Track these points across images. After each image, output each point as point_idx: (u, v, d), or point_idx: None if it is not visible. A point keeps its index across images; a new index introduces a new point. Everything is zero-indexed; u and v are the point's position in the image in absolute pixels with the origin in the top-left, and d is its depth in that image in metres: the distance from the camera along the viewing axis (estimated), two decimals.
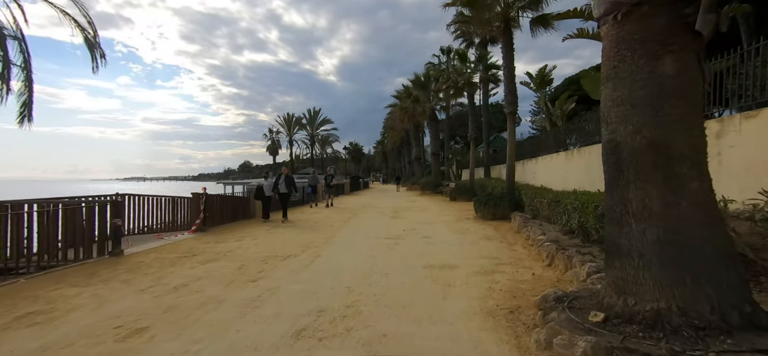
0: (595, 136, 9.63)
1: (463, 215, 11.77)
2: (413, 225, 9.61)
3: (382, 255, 6.11)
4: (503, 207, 9.98)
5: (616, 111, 2.65)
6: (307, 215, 13.03)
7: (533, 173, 15.08)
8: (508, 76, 10.40)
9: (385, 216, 12.00)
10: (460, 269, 5.09)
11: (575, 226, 5.69)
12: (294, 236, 8.21)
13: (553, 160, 12.34)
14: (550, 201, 7.28)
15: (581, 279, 3.85)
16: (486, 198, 10.42)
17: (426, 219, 11.10)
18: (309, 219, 11.81)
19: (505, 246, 6.60)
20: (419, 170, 36.17)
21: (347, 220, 11.16)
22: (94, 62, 8.64)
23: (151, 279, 4.77)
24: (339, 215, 12.71)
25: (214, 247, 6.96)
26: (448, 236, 7.84)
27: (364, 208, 15.52)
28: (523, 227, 7.66)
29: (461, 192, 18.26)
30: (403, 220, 10.83)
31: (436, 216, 11.86)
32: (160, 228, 9.54)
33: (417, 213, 13.08)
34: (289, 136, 51.85)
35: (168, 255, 6.17)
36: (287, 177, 11.39)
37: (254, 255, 6.16)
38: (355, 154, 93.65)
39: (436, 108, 26.65)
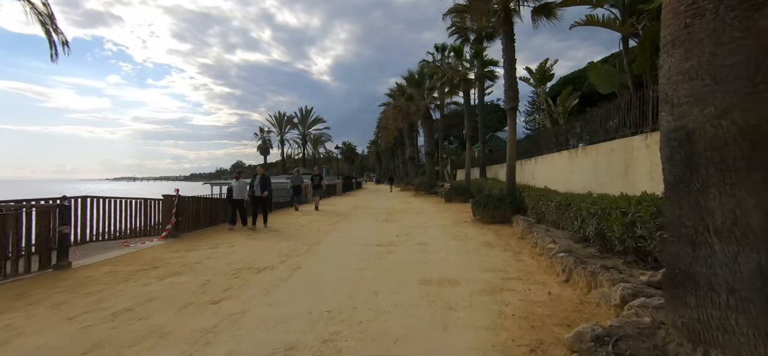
0: (601, 134, 8.99)
1: (460, 218, 11.06)
2: (407, 230, 8.87)
3: (372, 266, 5.35)
4: (504, 210, 9.28)
5: (687, 87, 1.92)
6: (293, 219, 12.21)
7: (532, 173, 14.43)
8: (509, 70, 9.72)
9: (377, 220, 11.24)
10: (461, 285, 4.35)
11: (591, 234, 4.99)
12: (274, 244, 7.41)
13: (555, 160, 11.69)
14: (559, 204, 6.58)
15: (613, 303, 3.13)
16: (485, 199, 9.72)
17: (421, 222, 10.36)
18: (295, 222, 11.00)
19: (510, 255, 5.88)
20: (413, 170, 35.46)
21: (336, 224, 10.38)
22: (53, 49, 7.74)
23: (91, 301, 3.94)
24: (327, 219, 11.92)
25: (181, 257, 6.13)
26: (445, 243, 7.10)
27: (355, 210, 14.74)
28: (527, 232, 6.96)
29: (457, 193, 17.57)
30: (397, 224, 10.08)
31: (431, 219, 11.13)
32: (131, 234, 8.66)
33: (411, 215, 12.34)
34: (280, 135, 50.78)
35: (124, 268, 5.34)
36: (262, 177, 10.06)
37: (225, 268, 5.36)
38: (348, 154, 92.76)
39: (430, 106, 25.95)
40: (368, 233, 8.58)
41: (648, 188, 6.35)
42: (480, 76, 17.19)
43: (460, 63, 17.42)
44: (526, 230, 7.14)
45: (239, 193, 9.72)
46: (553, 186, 10.57)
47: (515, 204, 9.39)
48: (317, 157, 57.27)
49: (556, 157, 11.59)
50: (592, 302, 3.51)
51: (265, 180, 10.11)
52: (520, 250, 6.18)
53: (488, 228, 8.83)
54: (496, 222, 9.34)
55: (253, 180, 9.97)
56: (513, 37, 9.71)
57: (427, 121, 25.90)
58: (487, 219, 9.49)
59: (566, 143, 11.34)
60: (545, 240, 5.72)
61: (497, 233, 8.03)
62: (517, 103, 9.90)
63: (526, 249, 6.26)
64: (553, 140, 12.29)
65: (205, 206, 9.61)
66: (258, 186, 9.83)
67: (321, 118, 53.48)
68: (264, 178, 10.13)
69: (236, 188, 9.73)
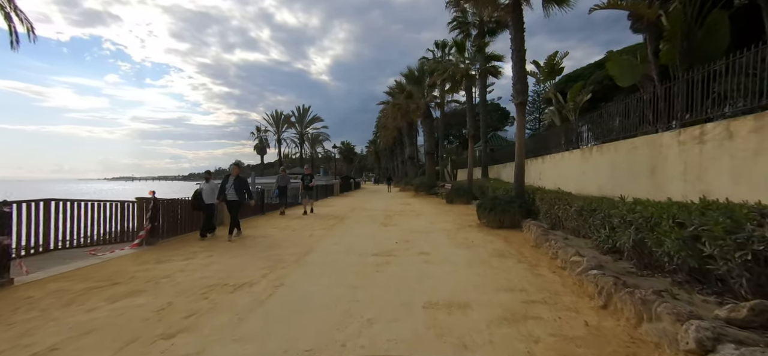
0: (619, 130, 8.23)
1: (463, 221, 10.29)
2: (407, 236, 8.10)
3: (367, 283, 4.58)
4: (513, 214, 8.52)
5: None
6: (284, 223, 11.45)
7: (539, 174, 13.67)
8: (518, 62, 8.95)
9: (374, 224, 10.46)
10: (474, 311, 3.58)
11: (626, 246, 4.22)
12: (258, 253, 6.63)
13: (565, 159, 10.93)
14: (581, 209, 5.81)
15: (686, 348, 2.36)
16: (491, 202, 8.96)
17: (422, 226, 9.59)
18: (286, 227, 10.22)
19: (527, 268, 5.11)
20: (412, 170, 34.69)
21: (330, 229, 9.60)
22: (13, 36, 6.94)
23: (12, 335, 3.16)
24: (321, 223, 11.15)
25: (149, 270, 5.35)
26: (450, 252, 6.33)
27: (352, 212, 13.97)
28: (543, 241, 6.19)
29: (458, 194, 16.82)
30: (396, 229, 9.31)
31: (433, 222, 10.36)
32: (105, 240, 7.87)
33: (411, 218, 11.57)
34: (277, 134, 49.88)
35: (76, 286, 4.55)
36: (237, 178, 8.47)
37: (196, 284, 4.58)
38: (346, 154, 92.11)
39: (430, 104, 25.18)
40: (365, 240, 7.80)
41: (680, 192, 5.59)
42: (483, 71, 16.42)
43: (461, 58, 16.65)
44: (540, 237, 6.38)
45: (210, 197, 8.32)
46: (562, 187, 9.81)
47: (525, 208, 8.63)
48: (315, 157, 56.44)
49: (567, 156, 10.83)
50: (648, 341, 2.74)
51: (241, 182, 8.55)
52: (536, 262, 5.41)
53: (496, 234, 8.06)
54: (504, 227, 8.58)
55: (226, 182, 8.42)
56: (522, 25, 8.94)
57: (427, 119, 25.13)
58: (494, 224, 8.72)
59: (578, 141, 10.59)
60: (567, 252, 4.95)
61: (507, 240, 7.26)
62: (526, 98, 9.14)
63: (543, 260, 5.49)
64: (563, 138, 11.53)
65: (185, 209, 8.80)
66: (232, 188, 8.32)
67: (318, 117, 52.68)
68: (240, 179, 8.54)
69: (206, 191, 8.31)
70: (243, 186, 8.56)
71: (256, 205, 13.32)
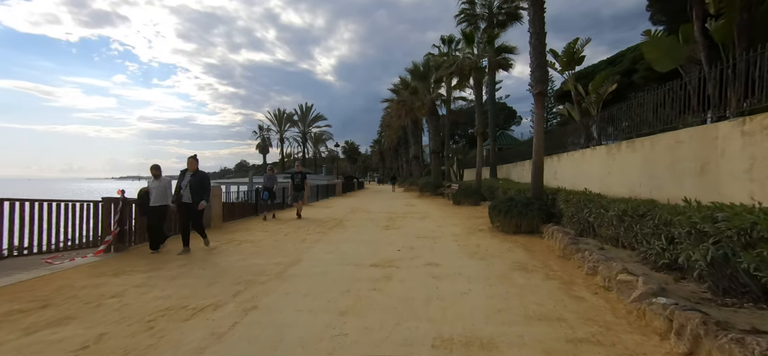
0: (653, 123, 7.21)
1: (473, 225, 9.31)
2: (412, 242, 7.14)
3: (360, 307, 3.63)
4: (531, 217, 7.52)
5: None
6: (274, 227, 10.56)
7: (554, 173, 12.63)
8: (538, 46, 7.94)
9: (375, 227, 9.51)
10: (502, 352, 2.62)
11: (697, 263, 3.23)
12: (237, 263, 5.72)
13: (586, 157, 9.90)
14: (622, 214, 4.81)
15: None
16: (506, 204, 7.97)
17: (428, 230, 8.63)
18: (278, 231, 9.30)
19: (560, 287, 4.13)
20: (417, 170, 33.72)
21: (326, 233, 8.66)
22: None
23: None
24: (316, 226, 10.23)
25: (99, 286, 4.44)
26: (463, 263, 5.37)
27: (352, 214, 13.04)
28: (573, 251, 5.20)
29: (466, 195, 15.83)
30: (399, 233, 8.35)
31: (440, 226, 9.39)
32: (73, 246, 6.98)
33: (416, 221, 10.61)
34: (280, 133, 49.13)
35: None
36: (195, 174, 6.53)
37: (146, 308, 3.66)
38: (350, 154, 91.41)
39: (436, 102, 24.18)
40: (363, 246, 6.86)
41: (745, 193, 4.56)
42: (493, 64, 15.41)
43: (470, 50, 15.66)
44: (569, 247, 5.38)
45: (160, 199, 6.43)
46: (582, 187, 8.78)
47: (545, 211, 7.63)
48: (318, 156, 55.58)
49: (588, 153, 9.79)
50: None
51: (201, 180, 6.56)
52: (570, 279, 4.42)
53: (513, 240, 7.07)
54: (522, 233, 7.59)
55: (182, 179, 6.52)
56: (542, 4, 7.94)
57: (433, 116, 24.13)
58: (510, 229, 7.74)
59: (601, 137, 9.55)
60: (611, 268, 3.96)
61: (527, 249, 6.28)
62: (546, 87, 8.14)
63: (577, 276, 4.51)
64: (582, 134, 10.49)
65: None
66: (187, 188, 6.41)
67: (321, 116, 51.82)
68: (199, 175, 6.57)
69: (156, 191, 6.42)
70: (203, 185, 6.59)
71: (249, 206, 12.45)
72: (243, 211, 11.99)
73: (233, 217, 10.99)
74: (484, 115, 16.71)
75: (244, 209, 12.12)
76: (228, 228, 9.54)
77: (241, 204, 12.31)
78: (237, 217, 11.30)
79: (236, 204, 12.12)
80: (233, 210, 11.32)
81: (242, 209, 12.07)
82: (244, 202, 12.40)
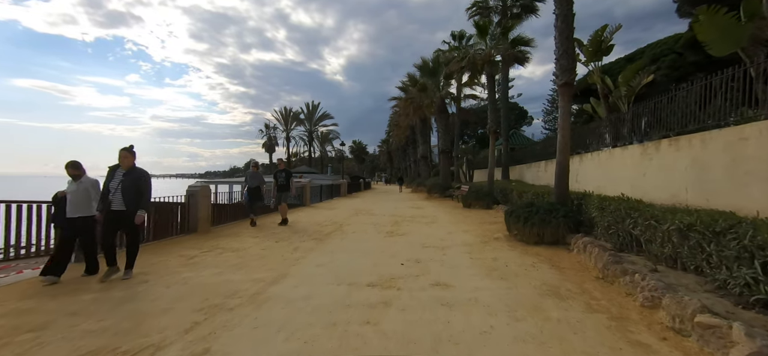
0: (701, 119, 6.15)
1: (487, 232, 8.33)
2: (417, 253, 6.20)
3: (349, 348, 2.71)
4: (555, 226, 6.51)
5: None
6: (265, 232, 9.72)
7: (575, 174, 11.56)
8: (565, 29, 6.91)
9: (377, 233, 8.58)
10: None
11: None
12: (207, 280, 4.84)
13: (615, 157, 8.83)
14: (687, 228, 3.78)
15: None
16: (526, 210, 6.96)
17: (436, 238, 7.67)
18: (271, 235, 8.44)
19: (609, 324, 3.15)
20: (425, 170, 32.70)
21: (321, 240, 7.76)
22: None
23: None
24: (311, 232, 9.38)
25: (26, 314, 3.59)
26: (479, 284, 4.40)
27: (355, 217, 12.13)
28: (616, 272, 4.19)
29: (477, 197, 14.80)
30: (404, 241, 7.41)
31: (450, 233, 8.43)
32: (27, 253, 6.15)
33: (423, 226, 9.65)
34: (286, 131, 48.47)
35: None
36: (130, 173, 4.87)
37: (63, 353, 2.79)
38: (358, 153, 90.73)
39: (446, 99, 23.13)
40: (361, 259, 5.93)
41: None
42: (507, 57, 14.36)
43: (483, 42, 14.62)
44: (610, 266, 4.37)
45: (80, 207, 4.73)
46: (609, 191, 7.71)
47: (573, 219, 6.60)
48: (325, 156, 54.81)
49: (618, 153, 8.73)
50: None
51: (136, 180, 4.84)
52: (621, 312, 3.43)
53: (535, 253, 6.08)
54: (544, 243, 6.58)
55: (111, 179, 4.82)
56: None
57: (442, 115, 23.09)
58: (530, 238, 6.73)
59: (632, 135, 8.48)
60: (683, 305, 2.95)
61: (554, 263, 5.29)
62: (573, 77, 7.10)
63: (630, 308, 3.51)
64: (610, 131, 9.42)
65: None
66: (118, 191, 4.74)
67: (328, 114, 50.95)
68: (134, 175, 4.86)
69: (73, 198, 4.72)
70: (139, 188, 4.82)
71: (242, 208, 11.62)
72: (235, 213, 11.16)
73: (224, 220, 10.17)
74: (496, 112, 15.66)
75: (236, 211, 11.27)
76: (216, 232, 8.72)
77: (233, 206, 11.42)
78: (228, 220, 10.48)
79: (228, 206, 11.23)
80: (224, 213, 10.50)
81: (234, 211, 11.23)
82: (236, 204, 11.52)
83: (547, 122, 49.82)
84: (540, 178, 16.17)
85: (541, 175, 16.10)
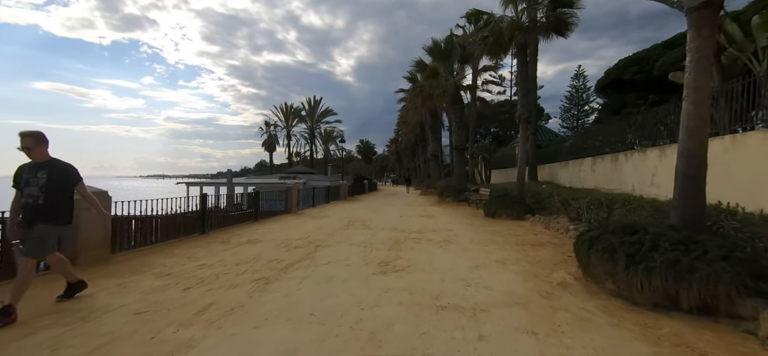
0: None
1: (539, 264, 5.11)
2: (426, 326, 3.00)
3: None
4: (707, 276, 3.24)
5: None
6: (214, 258, 6.65)
7: (651, 175, 8.24)
8: None
9: (364, 266, 5.41)
10: None
11: None
12: None
13: None
14: None
15: None
16: (628, 237, 3.73)
17: (458, 281, 4.46)
18: (213, 263, 5.37)
19: None
20: (436, 170, 29.39)
21: (272, 279, 4.62)
22: None
23: None
24: (263, 261, 6.29)
25: None
26: None
27: (344, 230, 8.98)
28: None
29: (504, 205, 11.51)
30: (402, 287, 4.21)
31: (477, 266, 5.20)
32: None
33: (435, 250, 6.46)
34: (286, 128, 45.54)
35: None
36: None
37: None
38: (366, 153, 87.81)
39: (460, 87, 19.83)
40: (313, 343, 2.78)
41: None
42: (545, 26, 11.08)
43: (512, 5, 11.36)
44: None
45: None
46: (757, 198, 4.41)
47: (750, 263, 3.31)
48: (328, 155, 51.70)
49: None
50: None
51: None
52: None
53: (670, 333, 2.85)
54: (680, 308, 3.33)
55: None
56: None
57: (456, 105, 19.79)
58: (646, 296, 3.48)
59: None
60: None
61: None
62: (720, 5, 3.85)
63: None
64: (748, 105, 6.01)
65: None
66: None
67: (331, 110, 47.76)
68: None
69: None
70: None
71: (195, 221, 8.55)
72: (186, 228, 8.11)
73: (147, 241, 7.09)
74: (529, 95, 12.36)
75: (187, 225, 8.21)
76: (147, 258, 5.71)
77: (185, 218, 8.31)
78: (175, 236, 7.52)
79: (178, 217, 8.13)
80: (172, 227, 7.53)
81: (186, 225, 8.17)
82: (186, 214, 8.38)
83: (566, 120, 46.06)
84: (582, 180, 12.81)
85: (584, 176, 12.74)
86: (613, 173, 10.28)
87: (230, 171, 22.50)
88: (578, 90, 44.54)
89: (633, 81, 25.21)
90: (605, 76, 29.08)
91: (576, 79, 44.53)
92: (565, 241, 7.20)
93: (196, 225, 8.38)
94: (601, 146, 12.16)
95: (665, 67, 20.99)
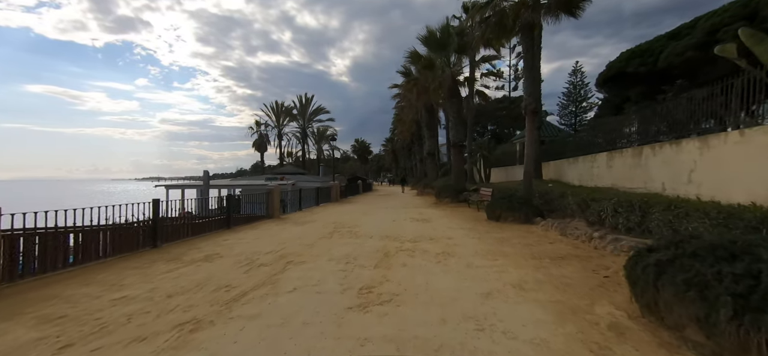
0: None
1: (570, 286, 3.77)
2: None
3: None
4: None
5: None
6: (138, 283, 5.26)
7: (688, 173, 6.97)
8: None
9: (339, 295, 4.04)
10: None
11: None
12: None
13: None
14: None
15: None
16: (729, 263, 2.43)
17: (467, 320, 3.11)
18: (148, 288, 4.00)
19: None
20: (433, 169, 28.08)
21: (216, 315, 3.26)
22: None
23: None
24: (214, 284, 4.92)
25: None
26: None
27: (327, 239, 7.62)
28: None
29: (510, 207, 10.20)
30: (386, 325, 2.86)
31: (488, 293, 3.85)
32: None
33: (432, 268, 5.11)
34: (277, 127, 44.00)
35: None
36: None
37: None
38: (362, 153, 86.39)
39: (458, 79, 18.52)
40: None
41: None
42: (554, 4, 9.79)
43: None
44: None
45: None
46: None
47: None
48: (321, 155, 50.19)
49: None
50: None
51: None
52: None
53: None
54: None
55: None
56: None
57: (454, 99, 18.47)
58: (733, 346, 2.17)
59: None
60: None
61: None
62: None
63: None
64: None
65: None
66: None
67: (323, 108, 46.26)
68: None
69: None
70: None
71: (147, 231, 7.17)
72: (129, 243, 6.63)
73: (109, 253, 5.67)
74: (535, 82, 11.06)
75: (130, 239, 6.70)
76: (48, 290, 4.34)
77: (126, 230, 6.71)
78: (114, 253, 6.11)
79: (116, 230, 6.53)
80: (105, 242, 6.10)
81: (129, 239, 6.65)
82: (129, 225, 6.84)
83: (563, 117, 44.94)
84: (596, 177, 11.52)
85: (597, 173, 11.44)
86: (635, 169, 8.99)
87: (207, 172, 21.05)
88: (576, 86, 43.49)
89: (636, 74, 24.08)
90: (607, 70, 27.85)
91: (574, 75, 43.49)
92: (591, 253, 5.90)
93: (145, 238, 6.97)
94: (613, 141, 10.91)
95: (670, 58, 19.81)
